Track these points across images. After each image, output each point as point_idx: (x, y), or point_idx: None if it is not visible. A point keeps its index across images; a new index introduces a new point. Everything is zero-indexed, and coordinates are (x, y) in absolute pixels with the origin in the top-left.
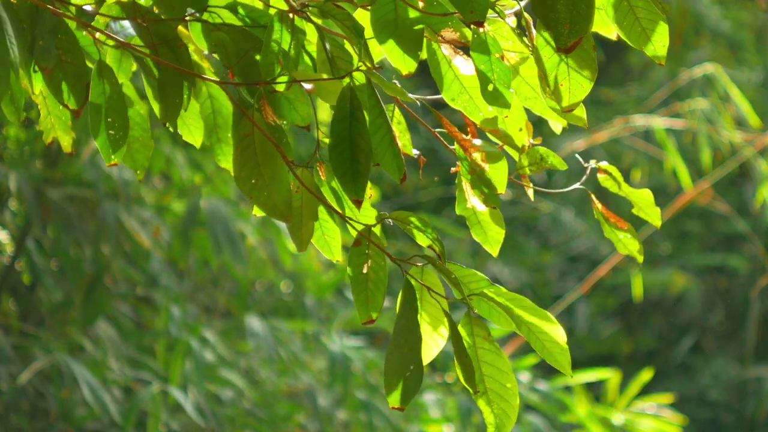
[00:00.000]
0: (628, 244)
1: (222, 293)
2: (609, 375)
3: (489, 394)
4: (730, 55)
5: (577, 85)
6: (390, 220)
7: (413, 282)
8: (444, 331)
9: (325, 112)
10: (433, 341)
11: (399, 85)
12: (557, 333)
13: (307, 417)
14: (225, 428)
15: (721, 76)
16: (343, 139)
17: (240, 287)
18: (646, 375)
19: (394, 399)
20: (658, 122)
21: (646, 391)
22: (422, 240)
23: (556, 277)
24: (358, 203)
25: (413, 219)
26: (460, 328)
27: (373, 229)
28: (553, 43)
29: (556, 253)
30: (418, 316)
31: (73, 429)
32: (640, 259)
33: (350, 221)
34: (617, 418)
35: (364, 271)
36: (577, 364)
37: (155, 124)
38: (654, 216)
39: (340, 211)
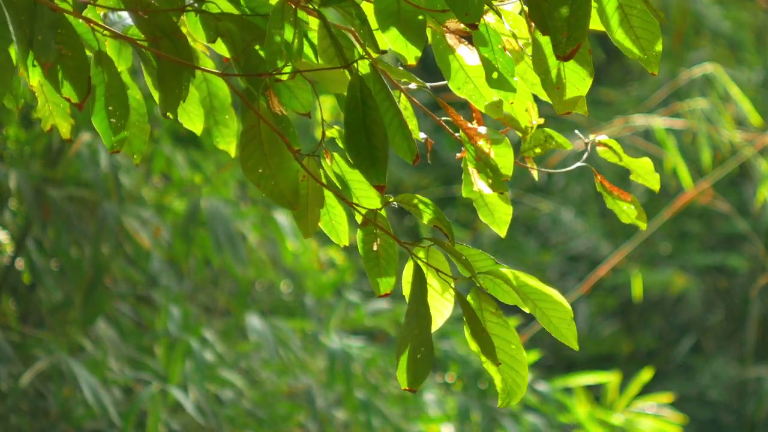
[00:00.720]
0: (631, 213)
1: (222, 293)
2: (609, 379)
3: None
4: (730, 55)
5: (573, 87)
6: (395, 203)
7: (420, 264)
8: (446, 311)
9: (327, 112)
10: (434, 321)
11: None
12: (563, 308)
13: (307, 417)
14: (225, 428)
15: (721, 76)
16: (357, 128)
17: (240, 287)
18: (646, 375)
19: (406, 380)
20: (658, 122)
21: (646, 391)
22: (429, 220)
23: (556, 277)
24: (381, 188)
25: (417, 200)
26: (464, 308)
27: (379, 212)
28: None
29: (556, 253)
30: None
31: (74, 429)
32: (644, 226)
33: (356, 207)
34: (617, 418)
35: (374, 248)
36: (577, 364)
37: (155, 124)
38: (654, 182)
39: (347, 199)
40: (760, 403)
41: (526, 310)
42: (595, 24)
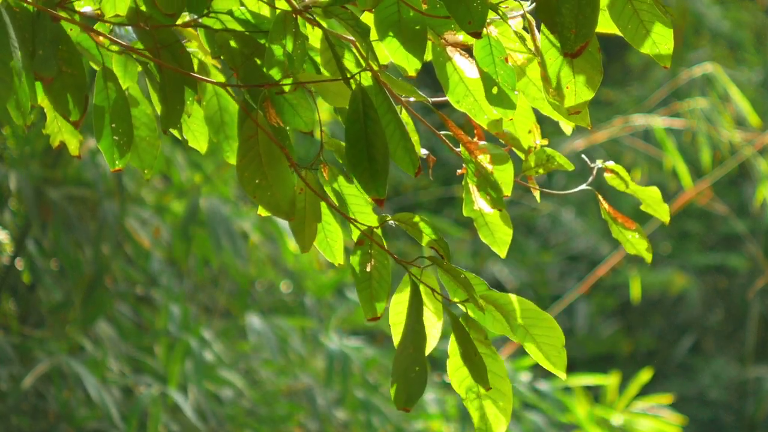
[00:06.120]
0: (636, 243)
1: (222, 293)
2: (608, 381)
3: (482, 398)
4: (730, 55)
5: (582, 87)
6: (393, 222)
7: (417, 282)
8: (437, 332)
9: (325, 113)
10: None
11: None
12: (555, 334)
13: (306, 416)
14: (225, 427)
15: (720, 76)
16: (358, 139)
17: (240, 287)
18: (645, 375)
19: (400, 400)
20: (658, 122)
21: (645, 391)
22: (426, 241)
23: (556, 277)
24: (379, 202)
25: (416, 220)
26: (456, 330)
27: (375, 230)
28: (558, 44)
29: (556, 253)
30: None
31: (74, 430)
32: (649, 258)
33: (354, 222)
34: (617, 418)
35: (368, 269)
36: (577, 364)
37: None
38: (663, 212)
39: (342, 212)
40: (760, 403)
41: (515, 339)
42: (601, 25)
